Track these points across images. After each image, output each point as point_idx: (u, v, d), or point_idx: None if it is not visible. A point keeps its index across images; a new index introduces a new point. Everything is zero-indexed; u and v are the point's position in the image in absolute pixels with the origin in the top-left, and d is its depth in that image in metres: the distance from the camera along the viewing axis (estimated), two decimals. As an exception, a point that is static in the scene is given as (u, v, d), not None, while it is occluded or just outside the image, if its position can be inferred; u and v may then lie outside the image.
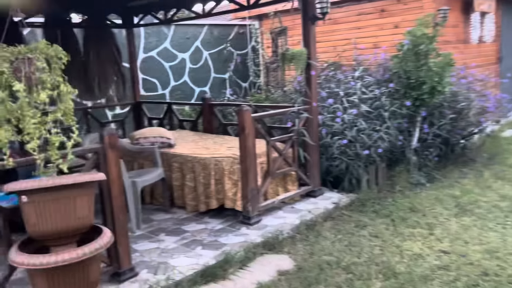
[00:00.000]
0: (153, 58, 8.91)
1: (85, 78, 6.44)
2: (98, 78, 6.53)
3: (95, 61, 6.50)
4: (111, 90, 6.71)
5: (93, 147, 3.05)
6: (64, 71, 6.17)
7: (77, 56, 6.36)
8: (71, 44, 6.28)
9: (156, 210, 4.87)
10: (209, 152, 4.69)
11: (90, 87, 6.48)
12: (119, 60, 6.78)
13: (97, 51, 6.50)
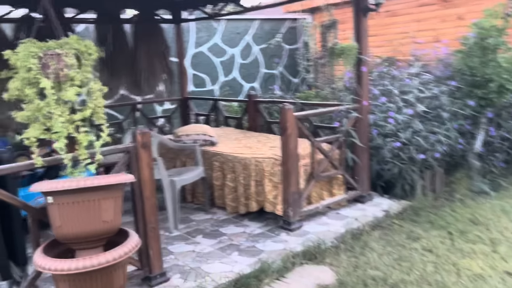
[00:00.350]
0: (203, 53, 8.85)
1: (133, 73, 6.47)
2: (146, 73, 6.54)
3: (143, 56, 6.51)
4: (159, 85, 6.70)
5: (125, 146, 2.94)
6: (113, 66, 6.28)
7: (126, 51, 6.40)
8: (121, 39, 6.32)
9: (196, 210, 4.75)
10: (250, 152, 4.49)
11: (138, 82, 6.50)
12: (167, 56, 6.75)
13: (146, 46, 6.50)
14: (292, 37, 10.16)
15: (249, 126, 5.90)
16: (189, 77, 8.64)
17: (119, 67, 6.35)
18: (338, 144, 4.36)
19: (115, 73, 6.32)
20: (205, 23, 8.81)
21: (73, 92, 2.41)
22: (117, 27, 6.25)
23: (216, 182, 4.65)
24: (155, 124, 6.82)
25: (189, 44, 8.64)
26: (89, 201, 2.38)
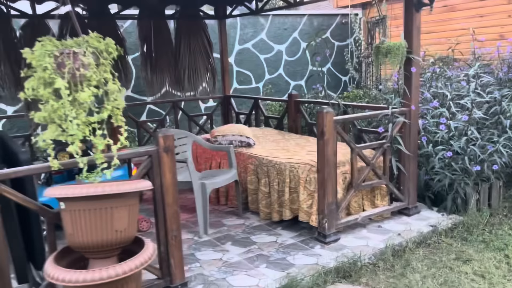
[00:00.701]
0: (248, 50, 8.68)
1: (175, 70, 6.41)
2: (189, 70, 6.45)
3: (186, 53, 6.42)
4: (202, 82, 6.59)
5: (146, 150, 2.79)
6: (156, 62, 6.22)
7: (169, 47, 6.33)
8: (163, 36, 6.26)
9: (229, 213, 4.58)
10: (286, 156, 4.24)
11: (180, 79, 6.43)
12: (210, 52, 6.62)
13: (188, 42, 6.41)
14: (342, 33, 9.75)
15: (289, 127, 5.64)
16: (233, 74, 8.51)
17: (161, 64, 6.30)
18: (382, 151, 4.01)
19: (158, 69, 6.28)
20: (251, 19, 8.63)
21: (88, 93, 2.28)
22: (160, 23, 6.20)
23: (250, 186, 4.45)
24: (196, 122, 6.72)
25: (234, 41, 8.49)
26: (101, 209, 2.25)
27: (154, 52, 6.23)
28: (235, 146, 4.77)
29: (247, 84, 8.74)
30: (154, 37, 6.22)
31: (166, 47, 6.29)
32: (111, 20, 5.86)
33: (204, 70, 6.58)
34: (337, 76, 9.78)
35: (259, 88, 8.80)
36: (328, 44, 9.40)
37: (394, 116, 4.01)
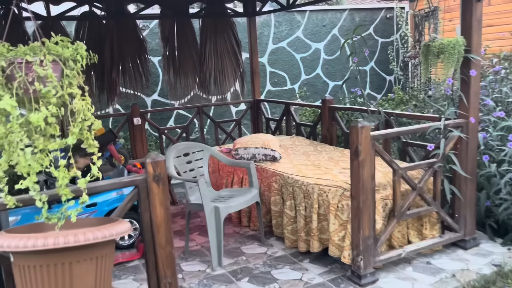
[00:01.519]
0: (283, 49, 8.07)
1: (200, 73, 5.91)
2: (215, 72, 5.94)
3: (212, 54, 5.91)
4: (230, 85, 6.06)
5: (131, 179, 2.26)
6: (180, 64, 5.75)
7: (194, 48, 5.85)
8: (187, 36, 5.78)
9: (251, 238, 4.00)
10: (316, 175, 3.61)
11: (205, 81, 5.93)
12: (239, 53, 6.08)
13: (215, 42, 5.90)
14: (387, 29, 8.93)
15: (323, 136, 4.98)
16: (266, 75, 7.93)
17: (185, 66, 5.82)
18: (433, 171, 3.29)
19: (182, 72, 5.81)
20: (286, 16, 8.01)
21: (43, 114, 1.77)
22: (183, 22, 5.72)
23: (274, 208, 3.85)
24: (223, 129, 6.19)
25: (268, 39, 7.90)
26: (56, 265, 1.74)
27: (178, 54, 5.76)
28: (258, 160, 4.19)
29: (282, 86, 8.13)
30: (177, 37, 5.75)
31: (190, 48, 5.81)
32: (130, 20, 5.44)
33: (232, 72, 6.05)
34: (381, 76, 8.96)
35: (294, 89, 8.17)
36: (369, 42, 8.62)
37: (448, 130, 3.28)
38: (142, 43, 5.59)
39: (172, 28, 5.72)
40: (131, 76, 5.48)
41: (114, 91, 5.42)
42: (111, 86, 5.38)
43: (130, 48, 5.45)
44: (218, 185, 4.62)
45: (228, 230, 4.18)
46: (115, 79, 5.37)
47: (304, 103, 5.53)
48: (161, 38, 5.75)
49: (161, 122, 7.10)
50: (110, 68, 5.32)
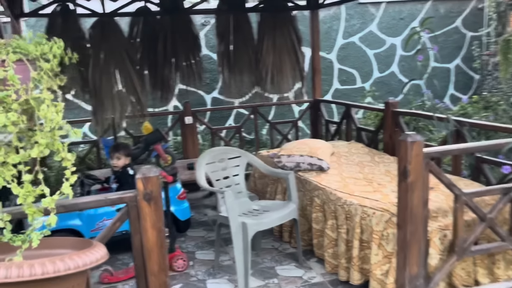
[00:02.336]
0: (354, 44, 7.46)
1: (256, 69, 5.56)
2: (272, 69, 5.55)
3: (269, 50, 5.53)
4: (287, 84, 5.64)
5: (119, 195, 1.97)
6: (235, 61, 5.46)
7: (250, 44, 5.51)
8: (244, 31, 5.46)
9: (289, 257, 3.59)
10: (363, 192, 3.09)
11: (261, 79, 5.57)
12: (299, 49, 5.63)
13: (273, 38, 5.50)
14: (478, 21, 7.86)
15: (384, 144, 4.38)
16: (334, 73, 7.37)
17: (241, 63, 5.51)
18: (509, 198, 2.62)
19: (237, 69, 5.51)
20: (359, 8, 7.36)
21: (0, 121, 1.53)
22: (240, 17, 5.40)
23: (316, 226, 3.40)
24: (279, 130, 5.81)
25: (337, 34, 7.33)
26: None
27: (233, 50, 5.47)
28: (303, 170, 3.75)
29: (351, 84, 7.52)
30: (234, 33, 5.45)
31: (246, 44, 5.48)
32: (185, 15, 5.25)
33: (291, 70, 5.61)
34: (468, 75, 7.93)
35: (365, 88, 7.50)
36: (454, 36, 7.65)
37: (533, 148, 2.58)
38: (197, 39, 5.37)
39: (228, 23, 5.43)
40: (184, 73, 5.29)
41: (167, 88, 5.28)
42: (164, 83, 5.24)
43: (184, 44, 5.26)
44: (264, 192, 4.26)
45: (266, 245, 3.80)
46: (167, 76, 5.23)
47: (365, 105, 4.93)
48: (216, 34, 5.49)
49: (220, 121, 6.89)
50: (163, 65, 5.18)
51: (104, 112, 4.82)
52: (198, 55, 5.39)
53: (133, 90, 4.87)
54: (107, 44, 4.79)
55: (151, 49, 5.19)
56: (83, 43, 4.93)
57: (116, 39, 4.89)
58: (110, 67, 4.77)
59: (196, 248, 3.83)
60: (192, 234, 4.15)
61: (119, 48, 4.85)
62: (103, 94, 4.78)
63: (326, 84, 7.32)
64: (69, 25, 4.78)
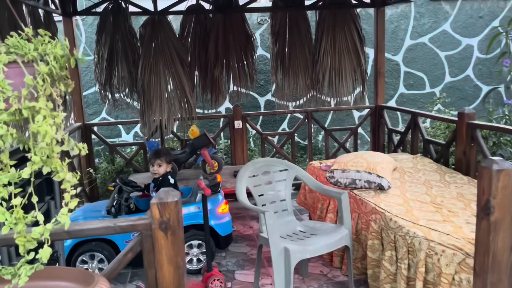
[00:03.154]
0: (423, 45, 6.80)
1: (313, 71, 5.15)
2: (330, 72, 5.11)
3: (328, 51, 5.10)
4: (346, 88, 5.17)
5: (133, 223, 1.67)
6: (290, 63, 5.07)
7: (306, 44, 5.11)
8: (300, 30, 5.08)
9: (339, 286, 3.16)
10: (430, 221, 2.60)
11: (317, 82, 5.15)
12: (361, 50, 5.14)
13: (333, 37, 5.07)
14: None
15: (456, 161, 3.80)
16: (400, 76, 6.77)
17: (295, 65, 5.12)
18: None
19: (291, 71, 5.13)
20: (431, 6, 6.70)
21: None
22: (297, 14, 5.02)
23: (371, 255, 2.94)
24: (334, 138, 5.35)
25: (405, 34, 6.71)
26: None
27: (288, 50, 5.09)
28: (359, 188, 3.30)
29: (419, 89, 6.86)
30: (289, 32, 5.08)
31: (303, 44, 5.08)
32: (238, 13, 4.95)
33: (351, 72, 5.14)
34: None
35: (434, 94, 6.82)
36: None
37: None
38: (250, 38, 5.06)
39: (284, 21, 5.07)
40: (235, 74, 5.00)
41: (217, 90, 5.02)
42: (214, 84, 4.99)
43: (237, 43, 4.98)
44: (315, 208, 3.86)
45: (314, 270, 3.39)
46: (218, 77, 4.96)
47: (434, 114, 4.33)
48: (271, 33, 5.14)
49: (273, 125, 6.55)
50: (214, 65, 4.92)
51: (152, 113, 4.64)
52: (251, 56, 5.08)
53: (182, 91, 4.66)
54: (157, 43, 4.61)
55: (202, 49, 4.95)
56: (134, 42, 4.81)
57: (167, 38, 4.69)
58: (159, 67, 4.58)
59: (237, 267, 3.51)
60: (234, 249, 3.83)
61: (169, 47, 4.65)
62: (152, 95, 4.60)
63: (390, 88, 6.75)
64: (120, 24, 4.65)
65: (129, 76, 4.80)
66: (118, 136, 6.34)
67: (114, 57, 4.71)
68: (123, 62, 4.75)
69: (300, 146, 6.49)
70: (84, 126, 4.83)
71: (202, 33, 4.94)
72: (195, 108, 4.79)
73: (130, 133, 6.35)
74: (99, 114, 6.26)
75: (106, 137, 6.27)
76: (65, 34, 4.63)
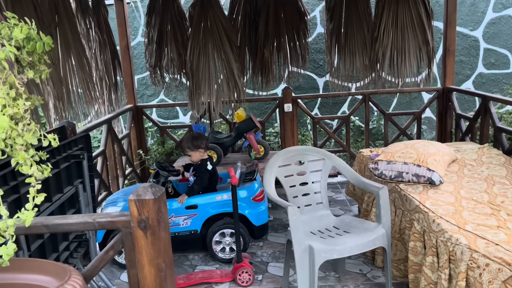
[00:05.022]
0: (508, 18, 5.99)
1: (372, 50, 4.72)
2: (391, 50, 4.65)
3: (389, 27, 4.63)
4: (409, 67, 4.68)
5: (112, 220, 1.56)
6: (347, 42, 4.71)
7: (365, 21, 4.68)
8: (358, 4, 4.66)
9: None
10: (480, 226, 2.22)
11: (377, 62, 4.72)
12: (428, 26, 4.60)
13: (395, 12, 4.58)
14: None
15: (531, 154, 3.26)
16: (480, 54, 6.04)
17: (353, 43, 4.73)
18: None
19: (347, 50, 4.75)
20: (520, -28, 5.83)
21: None
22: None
23: (413, 258, 2.61)
24: (395, 123, 4.90)
25: (486, 6, 5.94)
26: None
27: (344, 28, 4.71)
28: (406, 182, 2.95)
29: (502, 68, 6.08)
30: (346, 7, 4.69)
31: (361, 20, 4.67)
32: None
33: (415, 50, 4.63)
34: None
35: (521, 74, 6.00)
36: None
37: None
38: (303, 16, 4.76)
39: (340, -2, 4.69)
40: (286, 54, 4.75)
41: (267, 71, 4.81)
42: (263, 66, 4.78)
43: (288, 22, 4.71)
44: (363, 200, 3.56)
45: (352, 268, 3.13)
46: (268, 58, 4.75)
47: (507, 98, 3.71)
48: (326, 9, 4.79)
49: (333, 108, 6.21)
50: (264, 46, 4.71)
51: (200, 95, 4.56)
52: (304, 35, 4.78)
53: (231, 73, 4.52)
54: (206, 24, 4.49)
55: (252, 29, 4.76)
56: (183, 23, 4.75)
57: (216, 18, 4.54)
58: (208, 48, 4.46)
59: (272, 259, 3.35)
60: (273, 239, 3.67)
61: (218, 28, 4.50)
62: (200, 77, 4.52)
63: (467, 68, 6.05)
64: (169, 4, 4.60)
65: (179, 58, 4.77)
66: (175, 117, 6.41)
67: (163, 38, 4.69)
68: (172, 43, 4.72)
69: (361, 130, 6.09)
70: (136, 107, 4.90)
71: (252, 12, 4.74)
72: (244, 91, 4.64)
73: (187, 114, 6.38)
74: (158, 96, 6.36)
75: (164, 118, 6.38)
76: (117, 17, 4.69)
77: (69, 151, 2.66)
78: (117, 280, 3.20)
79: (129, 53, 4.81)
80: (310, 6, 6.01)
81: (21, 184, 2.04)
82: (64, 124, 3.03)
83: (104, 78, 4.33)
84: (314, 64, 6.12)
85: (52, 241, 2.45)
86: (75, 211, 2.74)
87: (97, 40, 4.24)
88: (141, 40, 6.18)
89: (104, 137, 4.05)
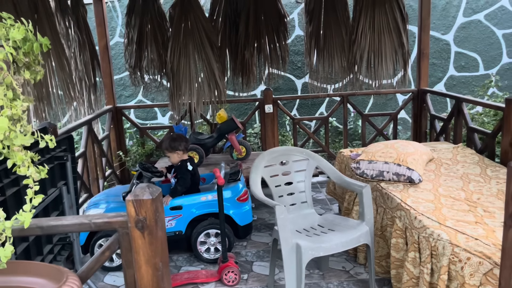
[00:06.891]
0: (478, 23, 6.23)
1: (350, 53, 4.83)
2: (368, 53, 4.78)
3: (366, 31, 4.76)
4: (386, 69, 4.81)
5: (108, 220, 1.57)
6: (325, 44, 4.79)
7: (343, 24, 4.79)
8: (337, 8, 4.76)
9: (361, 285, 2.96)
10: (459, 222, 2.33)
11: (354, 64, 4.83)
12: (403, 29, 4.75)
13: (372, 16, 4.72)
14: None
15: (502, 153, 3.41)
16: (451, 57, 6.26)
17: (331, 45, 4.83)
18: None
19: (326, 52, 4.84)
20: (488, -21, 6.08)
21: None
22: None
23: (395, 254, 2.70)
24: (372, 124, 5.03)
25: (457, 11, 6.17)
26: None
27: (323, 31, 4.80)
28: (387, 181, 3.05)
29: (471, 71, 6.32)
30: (325, 10, 4.78)
31: (339, 23, 4.77)
32: (270, -9, 4.71)
33: (392, 53, 4.77)
34: None
35: (489, 76, 6.25)
36: None
37: None
38: (283, 18, 4.82)
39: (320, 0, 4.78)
40: (266, 56, 4.80)
41: (248, 72, 4.85)
42: (243, 67, 4.82)
43: (268, 24, 4.76)
44: (343, 199, 3.64)
45: (335, 265, 3.20)
46: (248, 60, 4.79)
47: (479, 100, 3.88)
48: (305, 12, 4.87)
49: (311, 109, 6.30)
50: (244, 47, 4.75)
51: (180, 96, 4.56)
52: (284, 37, 4.85)
53: (211, 74, 4.53)
54: (186, 25, 4.49)
55: (232, 30, 4.79)
56: (163, 24, 4.73)
57: (196, 19, 4.54)
58: (189, 49, 4.47)
59: (256, 258, 3.38)
60: (256, 239, 3.71)
61: (199, 28, 4.51)
62: (181, 78, 4.51)
63: (439, 71, 6.27)
64: (149, 4, 4.58)
65: (159, 59, 4.75)
66: (154, 118, 6.37)
67: (143, 39, 4.66)
68: (152, 44, 4.69)
69: (339, 131, 6.22)
70: (115, 108, 4.85)
71: (232, 13, 4.77)
72: (225, 92, 4.66)
73: (166, 115, 6.35)
74: (136, 96, 6.31)
75: (142, 119, 6.33)
76: (95, 17, 4.63)
77: (53, 152, 2.62)
78: (100, 283, 3.17)
79: (108, 53, 4.76)
80: (288, 9, 6.08)
81: (21, 178, 2.02)
82: (46, 125, 2.99)
83: (84, 78, 4.28)
84: (293, 66, 6.20)
85: (36, 244, 2.42)
86: (58, 213, 2.70)
87: (76, 40, 4.18)
88: (118, 40, 6.11)
89: (84, 139, 3.99)
